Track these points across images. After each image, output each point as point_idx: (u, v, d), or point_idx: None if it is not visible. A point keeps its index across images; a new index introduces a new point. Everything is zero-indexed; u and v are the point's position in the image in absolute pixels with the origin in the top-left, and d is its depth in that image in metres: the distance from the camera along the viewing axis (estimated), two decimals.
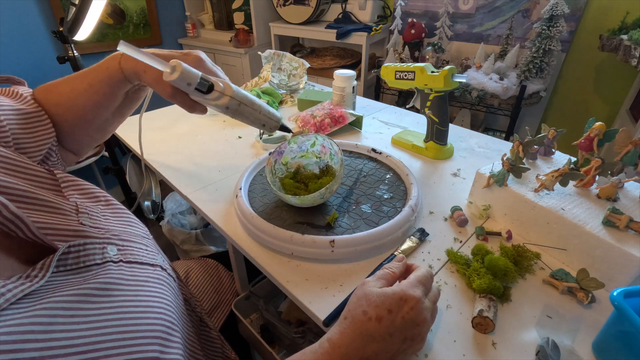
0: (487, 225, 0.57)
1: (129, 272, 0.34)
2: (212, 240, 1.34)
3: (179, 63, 0.44)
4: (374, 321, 0.33)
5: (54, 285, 0.29)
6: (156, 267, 0.40)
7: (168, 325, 0.34)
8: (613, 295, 0.35)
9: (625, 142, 0.49)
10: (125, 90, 0.51)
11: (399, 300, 0.34)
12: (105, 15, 2.10)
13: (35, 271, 0.28)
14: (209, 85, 0.47)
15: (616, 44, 1.27)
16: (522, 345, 0.40)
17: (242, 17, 2.30)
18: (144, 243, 0.41)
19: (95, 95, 0.49)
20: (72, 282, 0.30)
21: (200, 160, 0.78)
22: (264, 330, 0.75)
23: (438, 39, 1.82)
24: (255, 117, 0.53)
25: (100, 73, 0.49)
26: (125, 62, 0.48)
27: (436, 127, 0.73)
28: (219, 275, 0.79)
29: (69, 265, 0.31)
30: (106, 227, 0.38)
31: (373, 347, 0.33)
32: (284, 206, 0.59)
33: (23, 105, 0.46)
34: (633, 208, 0.49)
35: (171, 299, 0.38)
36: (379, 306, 0.34)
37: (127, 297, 0.32)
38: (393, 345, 0.33)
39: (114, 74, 0.49)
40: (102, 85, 0.49)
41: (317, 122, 0.86)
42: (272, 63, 1.15)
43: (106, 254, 0.34)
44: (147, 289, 0.35)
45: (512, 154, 0.57)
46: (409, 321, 0.33)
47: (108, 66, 0.49)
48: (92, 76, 0.49)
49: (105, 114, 0.52)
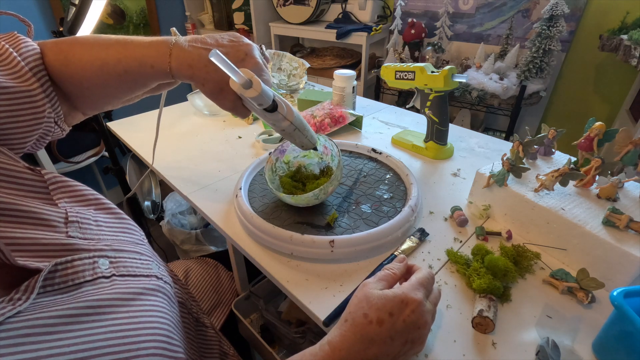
0: (487, 225, 0.57)
1: (123, 286, 0.33)
2: (212, 240, 1.34)
3: (257, 81, 0.40)
4: (375, 324, 0.33)
5: (39, 306, 0.26)
6: (151, 278, 0.38)
7: (166, 338, 0.33)
8: (613, 295, 0.35)
9: (625, 142, 0.49)
10: (158, 83, 0.47)
11: (401, 303, 0.34)
12: (105, 15, 2.09)
13: (19, 294, 0.26)
14: (274, 105, 0.44)
15: (616, 44, 1.28)
16: (522, 345, 0.40)
17: (242, 17, 2.30)
18: (138, 251, 0.39)
19: (127, 84, 0.44)
20: (60, 301, 0.28)
21: (200, 160, 0.78)
22: (264, 330, 0.75)
23: (438, 39, 1.82)
24: (301, 141, 0.53)
25: (143, 66, 0.43)
26: (180, 66, 0.43)
27: (436, 127, 0.73)
28: (219, 274, 0.79)
29: (56, 285, 0.29)
30: (97, 237, 0.36)
31: (374, 351, 0.32)
32: (284, 206, 0.59)
33: (11, 81, 0.37)
34: (633, 208, 0.49)
35: (167, 309, 0.36)
36: (380, 309, 0.33)
37: (120, 316, 0.30)
38: (394, 348, 0.33)
39: (159, 73, 0.43)
40: (139, 77, 0.44)
41: (317, 122, 0.86)
42: (272, 63, 1.15)
43: (97, 269, 0.32)
44: (142, 303, 0.33)
45: (512, 154, 0.57)
46: (410, 324, 0.33)
47: (154, 63, 0.43)
48: (132, 65, 0.43)
49: (126, 97, 0.48)
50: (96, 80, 0.43)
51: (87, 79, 0.43)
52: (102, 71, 0.43)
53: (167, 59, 0.43)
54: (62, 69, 0.42)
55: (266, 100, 0.42)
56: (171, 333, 0.34)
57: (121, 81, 0.44)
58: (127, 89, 0.46)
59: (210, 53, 0.36)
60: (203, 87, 0.44)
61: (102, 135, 1.11)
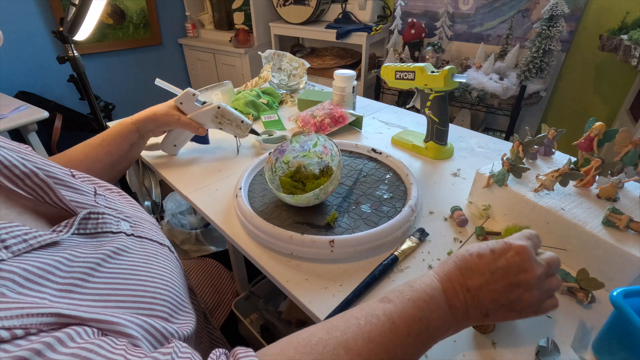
0: (487, 225, 0.57)
1: (139, 244, 0.37)
2: (212, 240, 1.34)
3: (185, 91, 0.70)
4: (475, 257, 0.34)
5: (74, 243, 0.32)
6: (164, 247, 0.42)
7: (176, 294, 0.36)
8: (613, 295, 0.35)
9: (625, 142, 0.48)
10: (133, 139, 0.65)
11: (504, 244, 0.34)
12: (105, 15, 2.10)
13: (61, 227, 0.31)
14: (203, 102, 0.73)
15: (616, 44, 1.28)
16: (522, 345, 0.40)
17: (242, 17, 2.30)
18: (154, 228, 0.44)
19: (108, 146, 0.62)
20: (90, 244, 0.33)
21: (200, 160, 0.78)
22: (264, 330, 0.75)
23: (438, 39, 1.82)
24: (234, 131, 0.75)
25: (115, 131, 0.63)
26: (138, 118, 0.65)
27: (436, 127, 0.73)
28: (219, 275, 0.79)
29: (88, 229, 0.34)
30: (120, 209, 0.42)
31: (474, 282, 0.33)
32: (284, 206, 0.59)
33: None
34: (633, 208, 0.49)
35: (178, 277, 0.39)
36: (482, 246, 0.35)
37: (139, 263, 0.35)
38: (496, 285, 0.32)
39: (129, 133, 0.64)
40: (114, 137, 0.63)
41: (317, 122, 0.86)
42: (272, 63, 1.15)
43: (120, 227, 0.38)
44: (157, 261, 0.37)
45: (512, 154, 0.57)
46: (514, 264, 0.33)
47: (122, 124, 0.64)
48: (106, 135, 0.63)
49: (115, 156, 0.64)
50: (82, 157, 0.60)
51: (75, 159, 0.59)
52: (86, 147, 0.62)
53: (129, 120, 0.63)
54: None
55: (195, 100, 0.71)
56: (181, 296, 0.37)
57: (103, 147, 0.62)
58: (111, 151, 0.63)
59: (155, 81, 0.62)
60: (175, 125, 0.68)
61: None
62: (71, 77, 1.93)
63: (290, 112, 1.01)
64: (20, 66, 1.88)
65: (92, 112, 1.17)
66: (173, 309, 0.34)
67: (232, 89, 0.97)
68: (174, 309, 0.34)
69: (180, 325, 0.33)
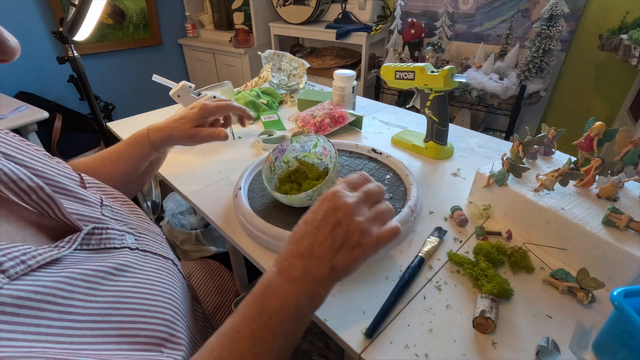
0: (487, 225, 0.57)
1: (143, 259, 0.37)
2: (212, 241, 1.33)
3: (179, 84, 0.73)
4: (301, 224, 0.35)
5: (77, 259, 0.31)
6: (168, 260, 0.42)
7: (176, 312, 0.36)
8: (613, 295, 0.35)
9: (625, 142, 0.48)
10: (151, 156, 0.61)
11: (322, 200, 0.36)
12: (105, 16, 2.10)
13: (63, 243, 0.31)
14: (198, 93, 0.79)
15: (616, 44, 1.28)
16: (522, 345, 0.40)
17: (242, 17, 2.30)
18: (158, 240, 0.44)
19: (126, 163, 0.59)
20: (93, 259, 0.33)
21: (200, 160, 0.78)
22: None
23: (438, 39, 1.82)
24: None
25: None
26: (153, 134, 0.59)
27: (436, 127, 0.73)
28: (222, 277, 0.79)
29: (91, 245, 0.34)
30: (125, 221, 0.41)
31: (304, 244, 0.34)
32: (283, 206, 0.59)
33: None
34: (633, 208, 0.49)
35: (179, 291, 0.39)
36: (307, 214, 0.36)
37: (141, 280, 0.34)
38: (321, 235, 0.33)
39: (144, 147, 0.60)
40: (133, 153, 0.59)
41: (317, 122, 0.86)
42: (272, 63, 1.15)
43: (124, 241, 0.37)
44: (159, 277, 0.37)
45: (512, 153, 0.57)
46: (328, 209, 0.34)
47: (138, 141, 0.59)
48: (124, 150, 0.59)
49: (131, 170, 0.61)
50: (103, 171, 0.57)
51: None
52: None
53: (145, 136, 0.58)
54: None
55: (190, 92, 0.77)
56: (180, 313, 0.37)
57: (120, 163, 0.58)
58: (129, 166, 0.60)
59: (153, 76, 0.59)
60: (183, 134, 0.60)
61: (102, 135, 1.11)
62: (71, 77, 1.93)
63: (290, 112, 1.01)
64: (20, 66, 1.88)
65: (92, 112, 1.17)
66: (173, 327, 0.34)
67: (232, 89, 0.97)
68: (173, 327, 0.34)
69: (181, 340, 0.34)
